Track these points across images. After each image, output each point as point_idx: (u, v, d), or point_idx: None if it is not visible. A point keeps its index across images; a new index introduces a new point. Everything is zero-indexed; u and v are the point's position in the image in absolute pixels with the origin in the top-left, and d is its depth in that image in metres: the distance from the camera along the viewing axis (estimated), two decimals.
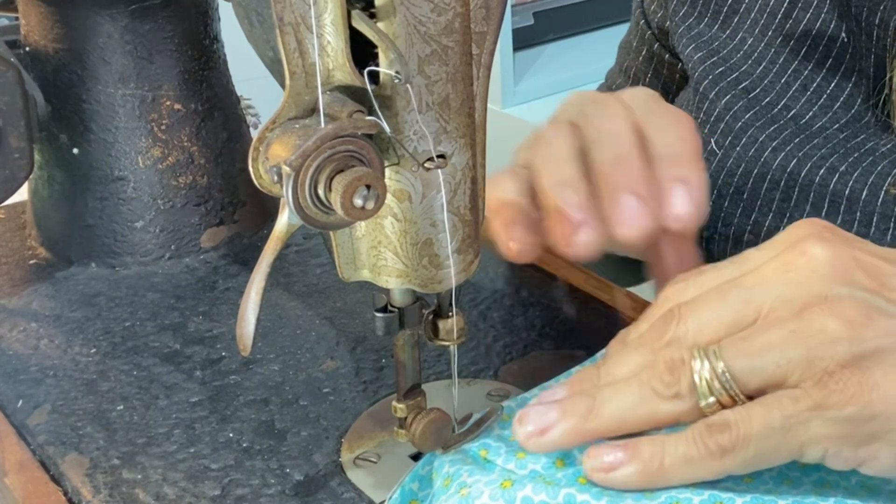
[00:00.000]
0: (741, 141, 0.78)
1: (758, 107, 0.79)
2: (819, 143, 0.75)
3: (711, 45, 0.83)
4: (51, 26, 0.77)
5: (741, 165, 0.77)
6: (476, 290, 0.74)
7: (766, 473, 0.51)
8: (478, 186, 0.51)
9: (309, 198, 0.44)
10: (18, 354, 0.70)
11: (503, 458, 0.52)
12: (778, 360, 0.46)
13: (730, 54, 0.82)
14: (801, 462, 0.48)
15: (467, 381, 0.64)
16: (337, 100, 0.46)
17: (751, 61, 0.80)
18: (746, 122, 0.78)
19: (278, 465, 0.59)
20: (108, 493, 0.58)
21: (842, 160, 0.73)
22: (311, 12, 0.44)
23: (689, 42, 0.84)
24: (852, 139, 0.74)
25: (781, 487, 0.51)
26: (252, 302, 0.49)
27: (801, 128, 0.76)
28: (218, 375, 0.67)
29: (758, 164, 0.76)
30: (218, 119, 0.81)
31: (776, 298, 0.48)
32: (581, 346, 0.68)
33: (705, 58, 0.83)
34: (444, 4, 0.45)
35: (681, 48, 0.86)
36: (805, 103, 0.77)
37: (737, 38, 0.82)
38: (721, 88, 0.81)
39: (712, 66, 0.82)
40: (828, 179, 0.72)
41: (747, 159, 0.77)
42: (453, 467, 0.51)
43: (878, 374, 0.46)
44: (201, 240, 0.80)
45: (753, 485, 0.51)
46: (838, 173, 0.72)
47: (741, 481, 0.51)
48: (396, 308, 0.53)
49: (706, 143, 0.79)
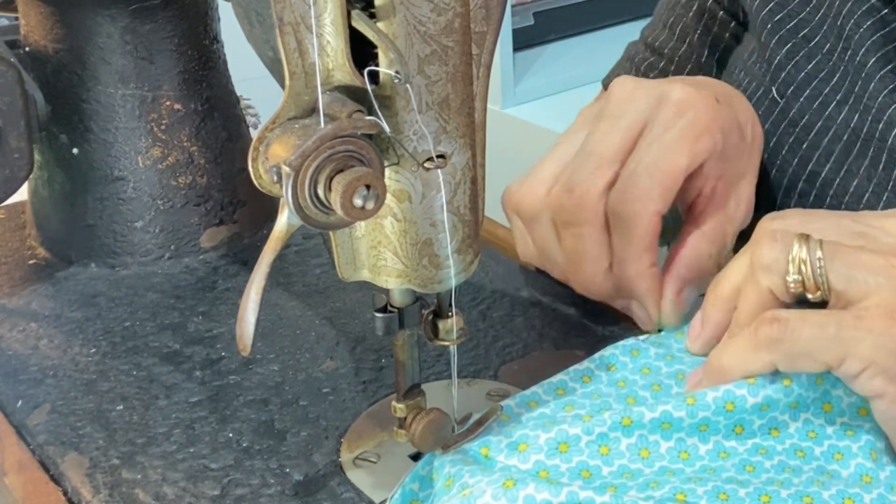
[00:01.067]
0: (804, 93, 0.77)
1: (819, 55, 0.78)
2: (877, 89, 0.74)
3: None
4: (51, 26, 0.77)
5: (804, 117, 0.76)
6: (476, 290, 0.74)
7: (766, 462, 0.52)
8: (478, 186, 0.51)
9: (309, 198, 0.44)
10: (18, 354, 0.70)
11: (505, 453, 0.52)
12: (867, 279, 0.50)
13: (788, 1, 0.81)
14: (827, 387, 0.52)
15: (467, 381, 0.64)
16: (337, 100, 0.46)
17: (810, 7, 0.80)
18: (809, 74, 0.77)
19: (278, 465, 0.59)
20: (107, 493, 0.58)
21: None
22: (310, 12, 0.44)
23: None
24: None
25: (783, 475, 0.51)
26: (252, 302, 0.49)
27: (865, 80, 0.75)
28: (218, 375, 0.67)
29: (822, 117, 0.76)
30: (218, 119, 0.81)
31: (889, 236, 0.51)
32: (581, 346, 0.68)
33: (764, 4, 0.82)
34: (444, 4, 0.45)
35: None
36: (870, 47, 0.76)
37: None
38: (781, 37, 0.79)
39: (770, 13, 0.81)
40: (886, 134, 0.72)
41: (811, 111, 0.76)
42: (454, 467, 0.51)
43: None
44: (201, 240, 0.80)
45: (755, 473, 0.51)
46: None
47: (743, 469, 0.51)
48: (396, 308, 0.53)
49: (768, 91, 0.79)
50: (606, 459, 0.52)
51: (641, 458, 0.52)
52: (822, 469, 0.52)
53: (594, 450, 0.52)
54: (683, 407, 0.52)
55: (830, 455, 0.52)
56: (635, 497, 0.49)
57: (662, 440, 0.52)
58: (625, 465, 0.52)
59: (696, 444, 0.52)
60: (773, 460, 0.52)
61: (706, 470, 0.52)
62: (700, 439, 0.52)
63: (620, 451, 0.52)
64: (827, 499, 0.49)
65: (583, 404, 0.55)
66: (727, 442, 0.53)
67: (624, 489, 0.49)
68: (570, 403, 0.55)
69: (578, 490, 0.48)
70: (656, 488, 0.49)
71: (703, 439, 0.52)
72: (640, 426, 0.52)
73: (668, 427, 0.52)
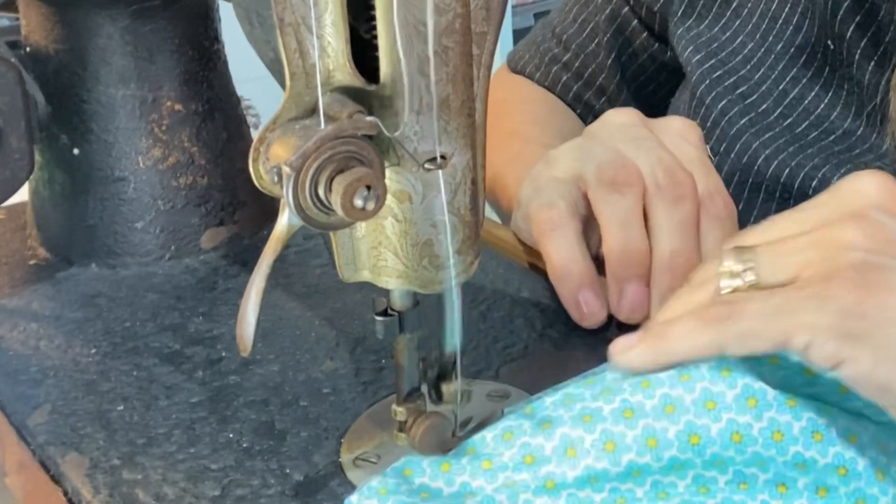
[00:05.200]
0: (735, 147, 0.78)
1: (753, 113, 0.79)
2: (812, 154, 0.75)
3: (710, 45, 0.83)
4: (51, 27, 0.77)
5: (735, 174, 0.77)
6: (476, 290, 0.74)
7: (761, 474, 0.51)
8: (478, 187, 0.51)
9: (309, 198, 0.44)
10: (18, 354, 0.70)
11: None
12: (795, 259, 0.49)
13: (728, 57, 0.82)
14: (787, 363, 0.51)
15: (467, 381, 0.64)
16: (337, 100, 0.46)
17: (749, 66, 0.80)
18: (741, 128, 0.78)
19: (278, 465, 0.59)
20: (108, 493, 0.58)
21: (834, 171, 0.73)
22: (311, 13, 0.45)
23: (687, 44, 0.84)
24: (846, 151, 0.74)
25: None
26: (252, 302, 0.49)
27: (796, 137, 0.76)
28: (218, 376, 0.67)
29: (752, 172, 0.77)
30: (218, 120, 0.81)
31: (818, 218, 0.51)
32: (581, 346, 0.68)
33: (703, 60, 0.82)
34: (445, 5, 0.45)
35: (679, 49, 0.86)
36: (801, 112, 0.77)
37: (737, 41, 0.82)
38: (718, 93, 0.80)
39: (710, 69, 0.82)
40: (820, 190, 0.72)
41: (741, 167, 0.77)
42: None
43: (881, 283, 0.47)
44: (201, 240, 0.80)
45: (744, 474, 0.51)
46: (831, 184, 0.73)
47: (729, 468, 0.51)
48: (396, 312, 0.53)
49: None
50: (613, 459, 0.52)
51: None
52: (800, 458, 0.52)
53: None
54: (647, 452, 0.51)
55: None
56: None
57: (636, 486, 0.52)
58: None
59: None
60: (768, 473, 0.52)
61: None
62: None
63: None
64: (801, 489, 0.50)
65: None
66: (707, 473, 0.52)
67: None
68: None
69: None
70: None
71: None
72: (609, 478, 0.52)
73: (638, 474, 0.52)
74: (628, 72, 0.97)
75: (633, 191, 0.65)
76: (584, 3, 0.98)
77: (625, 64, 0.96)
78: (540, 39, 1.02)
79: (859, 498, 0.50)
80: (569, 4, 1.00)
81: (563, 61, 0.99)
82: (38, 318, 0.74)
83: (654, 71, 0.96)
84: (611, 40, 0.96)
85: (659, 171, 0.65)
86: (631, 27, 0.94)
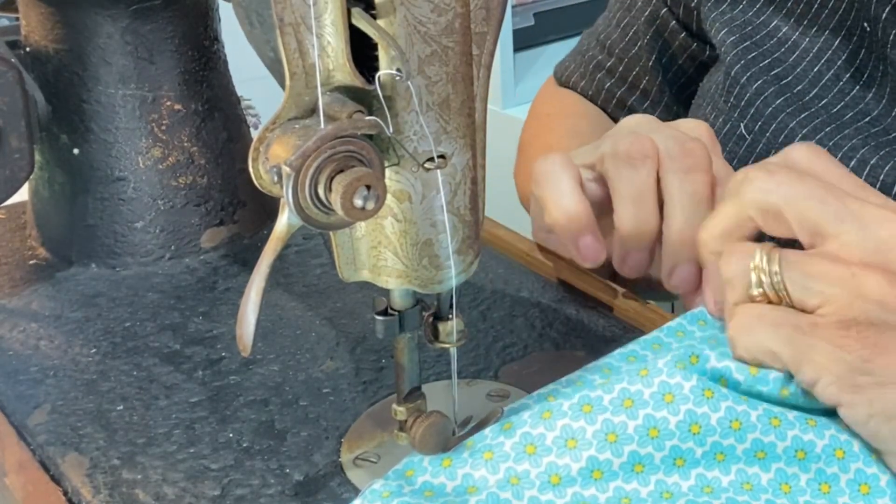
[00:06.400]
0: (770, 127, 0.78)
1: (789, 93, 0.78)
2: (850, 135, 0.74)
3: (745, 29, 0.83)
4: (51, 27, 0.77)
5: (770, 152, 0.77)
6: (476, 290, 0.74)
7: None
8: (478, 187, 0.51)
9: (309, 198, 0.44)
10: (18, 354, 0.70)
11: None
12: (823, 289, 0.49)
13: (763, 40, 0.81)
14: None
15: (467, 381, 0.64)
16: (337, 100, 0.46)
17: (784, 49, 0.80)
18: (777, 108, 0.78)
19: (278, 465, 0.59)
20: (108, 493, 0.58)
21: (873, 153, 0.73)
22: (311, 12, 0.45)
23: (721, 27, 0.84)
24: (884, 134, 0.74)
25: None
26: (252, 302, 0.49)
27: (832, 117, 0.76)
28: (218, 376, 0.67)
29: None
30: (218, 119, 0.81)
31: (859, 232, 0.50)
32: (581, 347, 0.68)
33: (738, 42, 0.82)
34: (445, 5, 0.45)
35: (713, 32, 0.85)
36: (837, 94, 0.76)
37: (771, 25, 0.82)
38: (753, 73, 0.80)
39: (745, 50, 0.81)
40: (858, 172, 0.72)
41: (777, 146, 0.77)
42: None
43: (891, 347, 0.48)
44: (201, 240, 0.80)
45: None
46: (869, 166, 0.72)
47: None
48: (396, 311, 0.53)
49: (736, 127, 0.79)
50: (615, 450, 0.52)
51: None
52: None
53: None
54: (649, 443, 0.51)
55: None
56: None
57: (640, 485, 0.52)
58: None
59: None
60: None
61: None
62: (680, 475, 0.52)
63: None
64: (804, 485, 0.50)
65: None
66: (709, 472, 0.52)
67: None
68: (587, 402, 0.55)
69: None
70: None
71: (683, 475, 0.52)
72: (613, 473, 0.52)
73: (640, 469, 0.52)
74: (669, 73, 0.97)
75: (648, 163, 0.64)
76: (626, 8, 0.98)
77: (665, 65, 0.96)
78: (585, 48, 1.03)
79: (862, 483, 0.50)
80: (612, 10, 1.00)
81: (608, 67, 0.99)
82: (38, 318, 0.74)
83: (694, 71, 0.96)
84: (651, 42, 0.95)
85: (672, 143, 0.64)
86: (669, 28, 0.94)
